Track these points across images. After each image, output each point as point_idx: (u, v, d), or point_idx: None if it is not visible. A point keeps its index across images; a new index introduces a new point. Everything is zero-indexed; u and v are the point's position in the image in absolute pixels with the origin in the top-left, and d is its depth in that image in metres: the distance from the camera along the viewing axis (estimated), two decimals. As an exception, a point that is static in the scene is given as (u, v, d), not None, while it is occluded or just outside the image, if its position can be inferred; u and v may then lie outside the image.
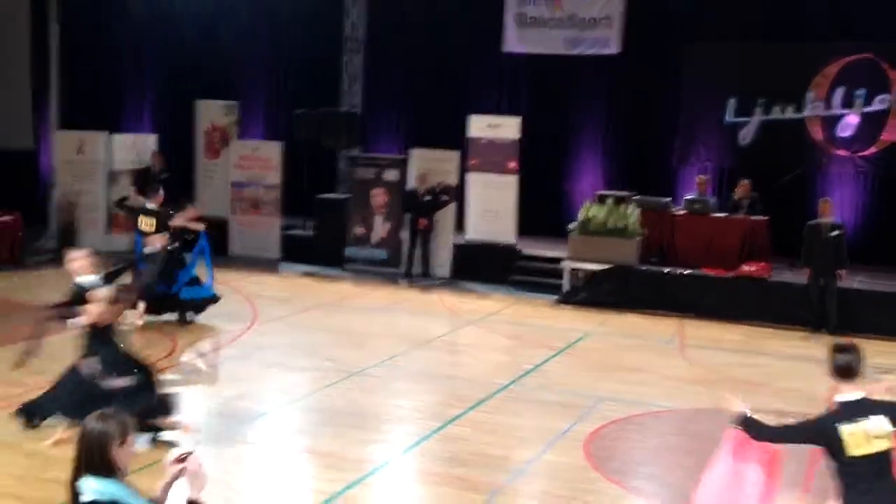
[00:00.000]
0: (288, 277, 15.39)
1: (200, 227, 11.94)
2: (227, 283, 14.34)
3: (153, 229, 11.57)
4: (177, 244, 11.79)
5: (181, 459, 3.66)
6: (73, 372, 7.59)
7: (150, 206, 11.77)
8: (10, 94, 16.22)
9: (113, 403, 7.09)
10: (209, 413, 8.55)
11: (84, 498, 3.49)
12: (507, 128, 15.62)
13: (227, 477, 6.86)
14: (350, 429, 8.22)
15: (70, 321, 7.66)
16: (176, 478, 3.63)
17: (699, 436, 8.59)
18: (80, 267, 8.14)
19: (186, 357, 10.26)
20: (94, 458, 3.52)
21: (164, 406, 7.71)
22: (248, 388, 9.30)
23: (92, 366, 7.46)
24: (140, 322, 11.11)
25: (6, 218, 15.05)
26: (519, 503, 6.89)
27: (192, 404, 8.80)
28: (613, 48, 16.14)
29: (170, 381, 9.31)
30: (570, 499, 6.86)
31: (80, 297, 7.79)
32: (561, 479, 7.26)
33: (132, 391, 7.45)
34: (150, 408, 7.49)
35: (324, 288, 14.64)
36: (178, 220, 11.69)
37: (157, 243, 11.48)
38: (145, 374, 7.72)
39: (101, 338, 7.57)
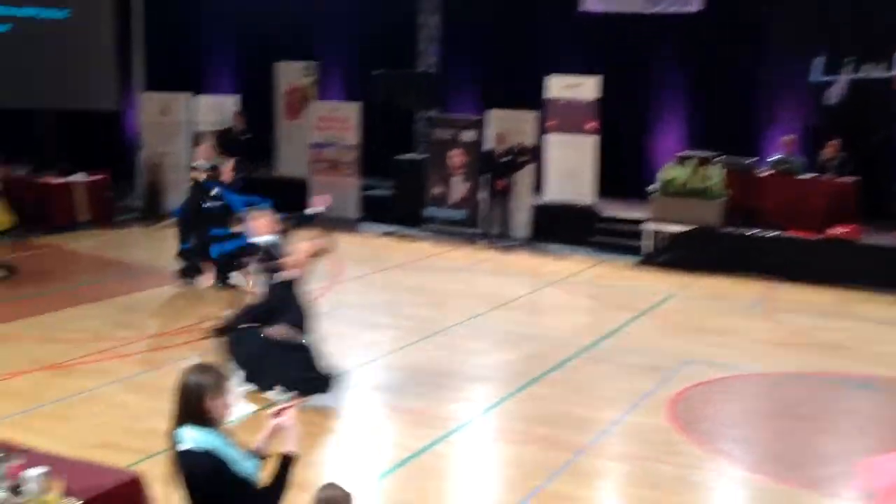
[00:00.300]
0: (367, 237, 15.50)
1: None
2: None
3: None
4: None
5: (280, 413, 3.71)
6: (256, 337, 7.67)
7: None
8: (96, 57, 16.52)
9: (288, 364, 7.35)
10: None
11: (181, 446, 3.58)
12: (585, 88, 15.41)
13: (313, 431, 6.98)
14: (432, 387, 8.29)
15: (276, 275, 7.71)
16: (274, 431, 3.68)
17: (786, 399, 8.48)
18: (264, 226, 8.13)
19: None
20: (191, 409, 3.61)
21: (325, 379, 7.80)
22: (331, 345, 9.40)
23: (283, 331, 7.63)
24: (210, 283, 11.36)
25: (95, 178, 15.42)
26: (602, 464, 6.87)
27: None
28: (695, 5, 15.76)
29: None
30: (654, 461, 6.83)
31: (269, 254, 7.84)
32: (645, 440, 7.22)
33: (305, 352, 7.67)
34: (315, 376, 7.67)
35: (403, 248, 14.72)
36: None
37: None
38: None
39: (289, 293, 7.69)
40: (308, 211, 9.20)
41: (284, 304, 7.71)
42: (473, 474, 6.71)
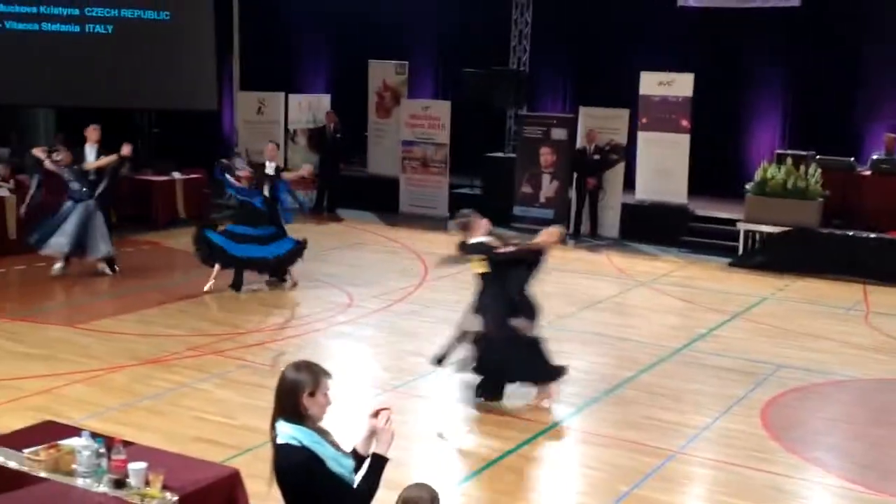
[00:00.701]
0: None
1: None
2: (398, 241, 14.69)
3: None
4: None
5: (378, 414, 3.76)
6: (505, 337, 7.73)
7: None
8: (195, 58, 16.91)
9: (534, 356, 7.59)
10: (384, 367, 8.80)
11: (278, 440, 3.67)
12: (679, 84, 15.19)
13: (402, 430, 7.05)
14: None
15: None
16: (371, 432, 3.74)
17: (884, 407, 8.25)
18: (481, 228, 8.39)
19: (361, 311, 10.55)
20: (287, 405, 3.69)
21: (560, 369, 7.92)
22: (421, 343, 9.50)
23: (525, 325, 7.86)
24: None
25: (193, 175, 15.82)
26: (692, 470, 6.79)
27: (368, 357, 9.11)
28: (793, 0, 15.39)
29: (347, 334, 9.68)
30: (745, 467, 6.72)
31: (482, 250, 8.10)
32: (737, 446, 7.11)
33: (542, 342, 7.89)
34: (553, 366, 7.85)
35: (492, 247, 14.69)
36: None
37: None
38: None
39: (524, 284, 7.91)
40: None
41: (522, 298, 7.92)
42: (560, 477, 6.70)
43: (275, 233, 11.29)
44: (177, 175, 15.67)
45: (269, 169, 11.42)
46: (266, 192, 11.27)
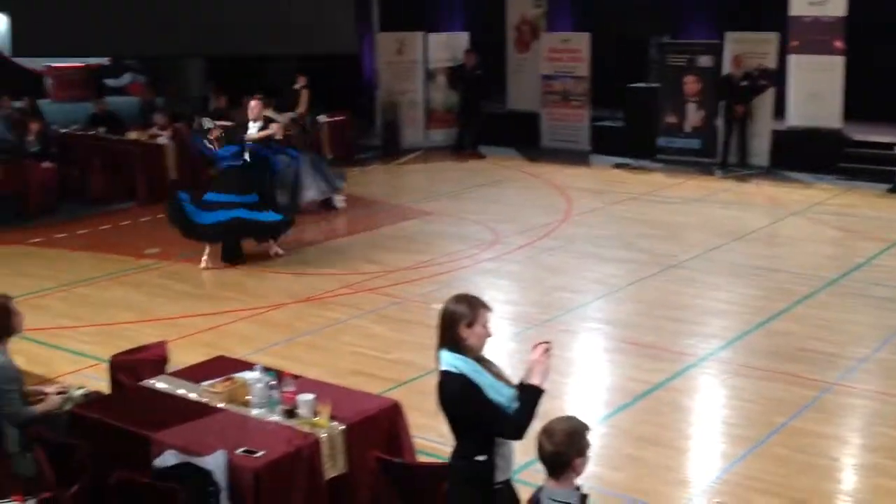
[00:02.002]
0: (599, 169, 15.44)
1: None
2: (540, 176, 14.69)
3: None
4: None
5: (538, 347, 3.86)
6: None
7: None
8: (335, 2, 17.12)
9: None
10: (531, 302, 8.91)
11: (440, 367, 3.85)
12: (832, 4, 14.46)
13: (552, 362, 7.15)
14: (669, 321, 8.26)
15: None
16: (532, 363, 3.84)
17: None
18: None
19: (506, 248, 10.66)
20: (447, 335, 3.86)
21: None
22: (566, 278, 9.56)
23: None
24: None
25: (338, 118, 16.16)
26: (850, 402, 6.66)
27: (514, 293, 9.23)
28: None
29: (493, 270, 9.82)
30: (908, 399, 6.55)
31: None
32: (894, 378, 6.92)
33: None
34: None
35: (635, 179, 14.55)
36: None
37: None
38: None
39: None
40: None
41: None
42: (713, 410, 6.69)
43: (258, 202, 10.11)
44: (322, 118, 16.03)
45: (253, 129, 10.18)
46: (247, 157, 10.13)
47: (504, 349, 7.25)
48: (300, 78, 14.47)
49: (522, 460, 4.86)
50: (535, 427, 3.68)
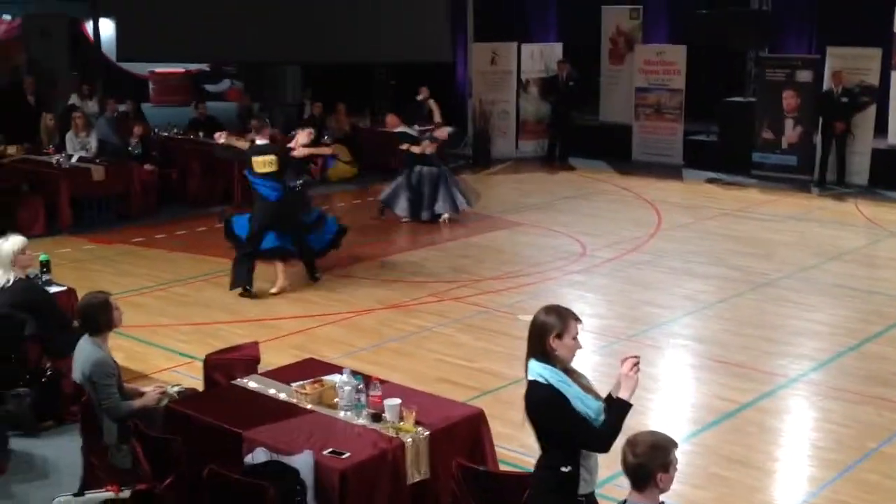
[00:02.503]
0: (691, 183, 15.25)
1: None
2: (631, 189, 14.59)
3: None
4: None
5: (627, 361, 3.87)
6: None
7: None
8: (431, 12, 17.26)
9: None
10: (618, 316, 8.86)
11: (528, 377, 3.90)
12: (940, 19, 14.06)
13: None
14: (759, 340, 8.14)
15: None
16: (625, 377, 3.85)
17: None
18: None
19: (594, 261, 10.62)
20: (536, 345, 3.91)
21: None
22: (654, 293, 9.48)
23: None
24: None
25: (429, 127, 16.27)
26: (947, 430, 6.46)
27: (602, 306, 9.19)
28: None
29: (581, 283, 9.79)
30: None
31: None
32: None
33: None
34: None
35: (729, 195, 14.33)
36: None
37: None
38: None
39: None
40: None
41: None
42: (802, 432, 6.57)
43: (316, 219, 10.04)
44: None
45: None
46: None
47: (589, 362, 7.24)
48: (422, 90, 14.42)
49: (606, 475, 4.86)
50: (621, 441, 3.70)
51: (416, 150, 12.65)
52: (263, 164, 9.17)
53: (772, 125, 15.28)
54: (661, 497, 3.60)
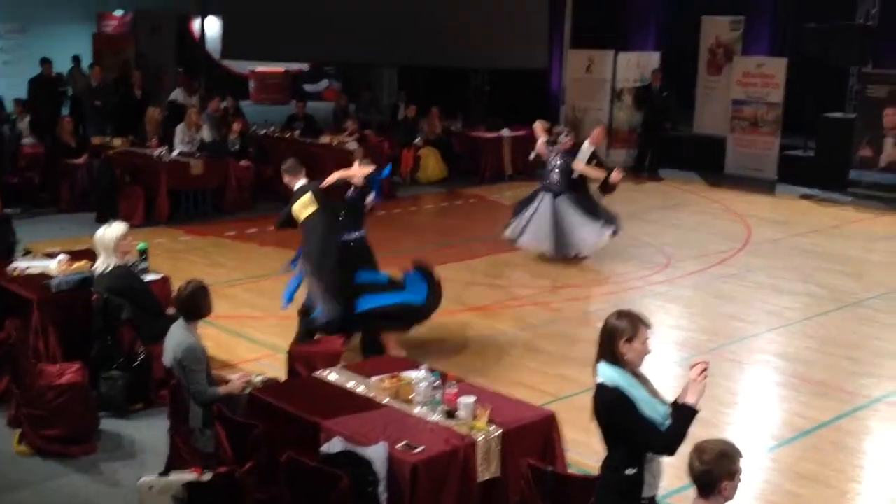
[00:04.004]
0: (784, 199, 15.00)
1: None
2: (721, 202, 14.43)
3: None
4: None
5: (695, 367, 3.93)
6: None
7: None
8: (529, 18, 17.32)
9: None
10: (700, 329, 8.82)
11: (597, 379, 4.00)
12: None
13: (714, 392, 7.09)
14: (843, 359, 8.02)
15: None
16: (689, 383, 3.91)
17: None
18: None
19: (678, 272, 10.56)
20: (606, 348, 3.99)
21: None
22: (739, 307, 9.40)
23: None
24: None
25: (521, 132, 16.33)
26: None
27: (683, 318, 9.16)
28: None
29: (663, 294, 9.77)
30: None
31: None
32: None
33: None
34: None
35: (822, 211, 14.07)
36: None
37: None
38: None
39: None
40: None
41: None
42: (881, 453, 6.47)
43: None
44: (506, 132, 16.30)
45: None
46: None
47: (670, 374, 7.24)
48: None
49: (673, 485, 4.91)
50: (687, 447, 3.75)
51: (616, 177, 10.77)
52: (303, 206, 7.48)
53: (871, 142, 14.94)
54: (726, 504, 3.66)
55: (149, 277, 7.39)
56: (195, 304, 5.67)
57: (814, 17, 15.96)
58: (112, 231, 6.87)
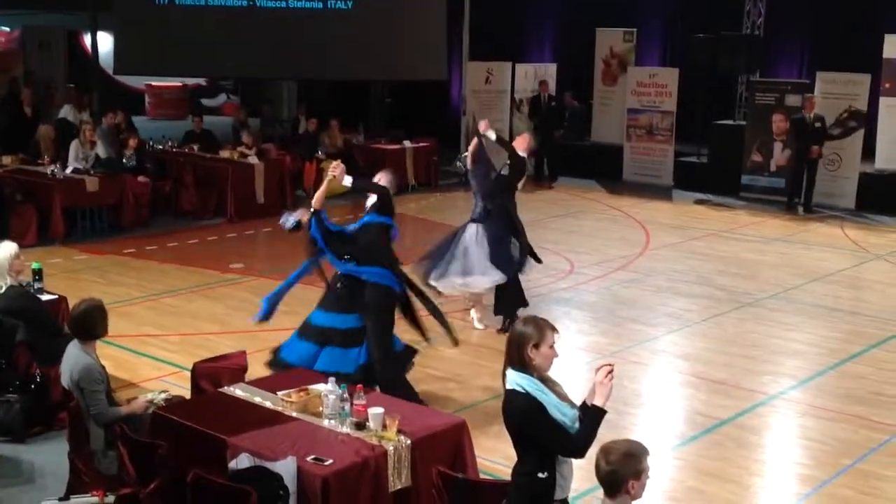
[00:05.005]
0: (680, 204, 15.40)
1: None
2: (621, 209, 14.73)
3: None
4: None
5: (601, 369, 3.98)
6: None
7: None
8: (427, 31, 17.39)
9: None
10: (603, 333, 8.96)
11: (507, 386, 4.02)
12: (928, 47, 14.26)
13: (620, 394, 7.21)
14: (741, 358, 8.25)
15: None
16: (599, 385, 3.96)
17: None
18: None
19: (581, 278, 10.73)
20: (514, 355, 4.02)
21: None
22: (640, 311, 9.59)
23: None
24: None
25: (423, 143, 16.45)
26: (922, 448, 6.57)
27: (587, 323, 9.29)
28: None
29: (567, 300, 9.90)
30: (983, 450, 6.44)
31: None
32: (973, 428, 6.81)
33: None
34: None
35: (717, 216, 14.49)
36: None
37: None
38: None
39: None
40: None
41: None
42: (780, 448, 6.67)
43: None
44: (407, 143, 16.33)
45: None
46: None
47: (575, 378, 7.32)
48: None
49: (583, 487, 4.98)
50: (596, 449, 3.80)
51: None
52: None
53: (760, 148, 15.46)
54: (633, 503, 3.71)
55: (44, 298, 7.17)
56: (89, 323, 5.50)
57: (703, 28, 16.47)
58: (2, 251, 6.65)
